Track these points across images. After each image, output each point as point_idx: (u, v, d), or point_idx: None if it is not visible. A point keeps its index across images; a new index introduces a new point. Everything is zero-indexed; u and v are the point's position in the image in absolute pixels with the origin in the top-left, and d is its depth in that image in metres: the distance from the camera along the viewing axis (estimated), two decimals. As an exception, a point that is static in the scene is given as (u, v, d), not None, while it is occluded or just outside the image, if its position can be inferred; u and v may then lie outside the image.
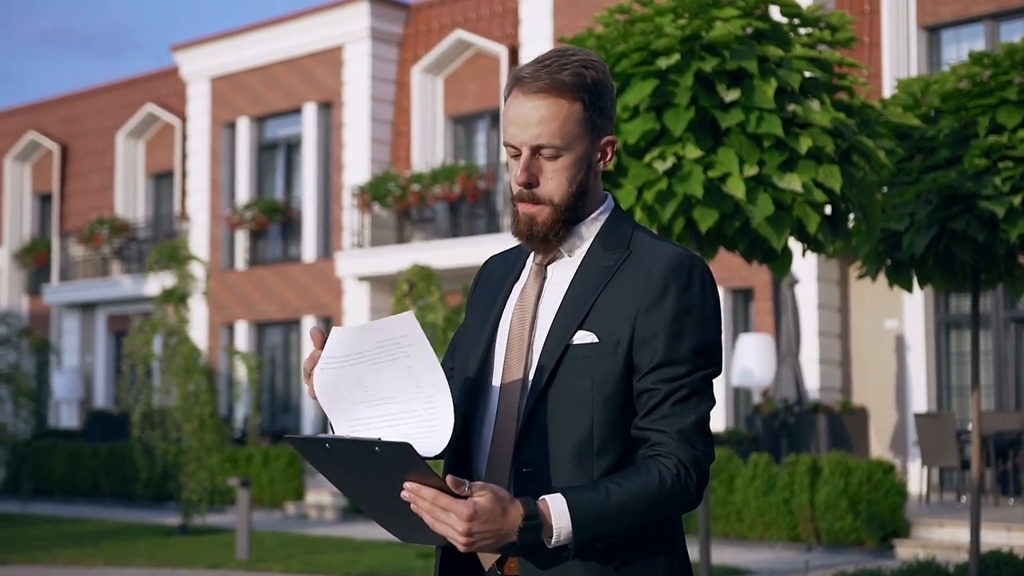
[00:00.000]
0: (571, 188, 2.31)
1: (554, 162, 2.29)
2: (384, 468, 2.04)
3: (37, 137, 27.35)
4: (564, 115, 2.27)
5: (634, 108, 6.28)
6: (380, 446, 2.00)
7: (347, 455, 2.06)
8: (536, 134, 2.27)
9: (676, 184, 6.18)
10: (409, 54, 21.68)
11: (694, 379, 2.24)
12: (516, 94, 2.29)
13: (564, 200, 2.31)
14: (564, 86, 2.26)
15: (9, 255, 27.65)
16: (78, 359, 25.70)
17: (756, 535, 13.45)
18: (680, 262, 2.27)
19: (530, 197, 2.31)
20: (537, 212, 2.31)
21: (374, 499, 2.13)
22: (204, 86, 23.75)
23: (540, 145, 2.27)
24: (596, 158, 2.35)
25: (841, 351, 16.73)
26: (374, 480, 2.08)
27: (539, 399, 2.26)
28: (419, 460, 2.01)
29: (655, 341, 2.23)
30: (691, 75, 6.14)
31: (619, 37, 6.38)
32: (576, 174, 2.31)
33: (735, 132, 6.23)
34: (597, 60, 2.35)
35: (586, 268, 2.33)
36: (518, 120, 2.29)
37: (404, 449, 2.00)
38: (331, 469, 2.13)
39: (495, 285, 2.48)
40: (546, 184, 2.30)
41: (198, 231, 23.46)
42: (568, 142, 2.28)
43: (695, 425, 2.23)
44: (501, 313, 2.41)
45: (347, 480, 2.14)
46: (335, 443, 2.05)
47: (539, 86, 2.26)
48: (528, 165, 2.29)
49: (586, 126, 2.30)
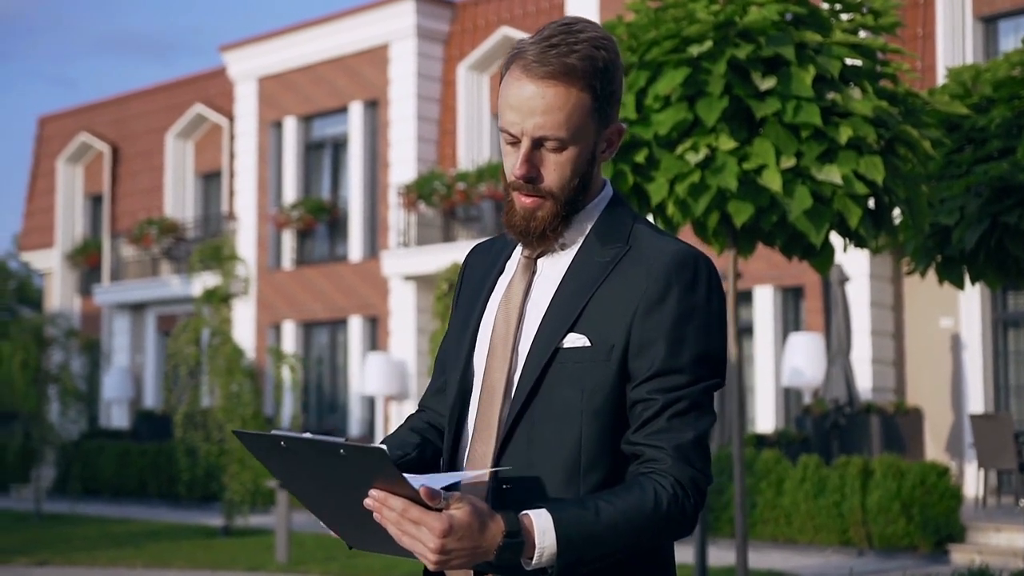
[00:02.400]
0: (573, 181, 2.07)
1: (558, 155, 2.04)
2: (347, 473, 1.85)
3: (88, 139, 27.52)
4: (572, 105, 2.02)
5: (665, 98, 6.04)
6: (346, 449, 1.81)
7: (304, 455, 1.87)
8: (539, 124, 2.02)
9: (709, 177, 5.94)
10: (455, 52, 21.52)
11: (695, 391, 2.01)
12: (518, 75, 2.04)
13: (566, 194, 2.07)
14: (574, 72, 2.01)
15: (62, 256, 27.84)
16: (128, 359, 25.80)
17: (806, 539, 13.13)
18: (684, 260, 2.04)
19: (531, 190, 2.07)
20: (538, 206, 2.07)
21: (327, 501, 1.95)
22: (251, 86, 23.75)
23: (544, 137, 2.03)
24: (601, 148, 2.11)
25: (895, 350, 16.34)
26: (332, 484, 1.90)
27: (522, 408, 2.04)
28: (391, 467, 1.81)
29: (654, 347, 2.00)
30: (725, 63, 5.89)
31: (650, 24, 6.14)
32: (580, 167, 2.07)
33: (771, 122, 5.98)
34: (607, 37, 2.08)
35: (580, 263, 2.09)
36: (520, 106, 2.03)
37: (376, 455, 1.80)
38: (282, 468, 1.95)
39: (477, 282, 2.25)
40: (548, 177, 2.06)
41: (245, 231, 23.46)
42: (574, 134, 2.03)
43: (694, 442, 1.99)
44: (484, 310, 2.18)
45: (299, 481, 1.95)
46: (292, 442, 1.86)
47: (546, 71, 2.01)
48: (529, 156, 2.04)
49: (594, 116, 2.05)
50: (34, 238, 28.85)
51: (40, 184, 28.98)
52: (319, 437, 1.84)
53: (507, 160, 2.09)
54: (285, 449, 1.87)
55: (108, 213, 26.98)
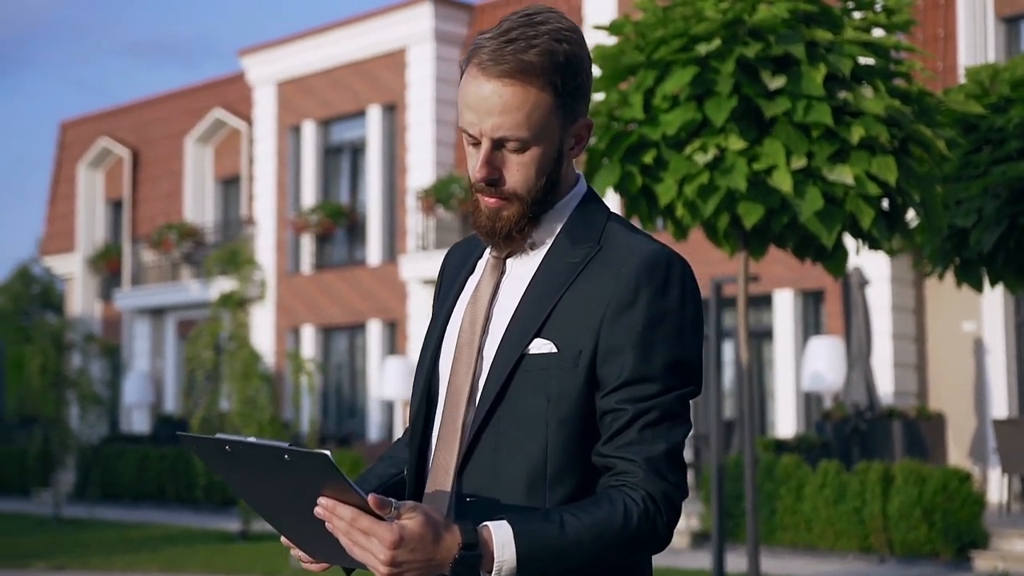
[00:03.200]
0: (539, 181, 1.98)
1: (520, 155, 1.96)
2: (294, 479, 1.77)
3: (109, 143, 27.59)
4: (532, 103, 1.92)
5: (674, 97, 5.94)
6: (290, 454, 1.72)
7: (250, 460, 1.80)
8: (497, 124, 1.93)
9: (718, 177, 5.84)
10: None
11: (667, 400, 1.91)
12: (475, 73, 1.94)
13: (532, 194, 1.98)
14: (532, 70, 1.91)
15: (83, 261, 27.91)
16: (148, 364, 25.83)
17: (826, 545, 12.98)
18: (655, 260, 1.93)
19: (493, 192, 1.98)
20: (502, 207, 1.98)
21: (281, 511, 1.87)
22: (270, 90, 23.75)
23: (503, 138, 1.94)
24: (569, 145, 2.01)
25: (916, 354, 16.16)
26: (282, 490, 1.82)
27: (487, 416, 1.94)
28: (337, 473, 1.72)
29: (622, 354, 1.90)
30: (733, 61, 5.79)
31: (658, 23, 6.04)
32: (545, 166, 1.98)
33: (781, 122, 5.87)
34: (570, 28, 1.98)
35: (549, 265, 2.00)
36: (476, 105, 1.94)
37: (319, 460, 1.71)
38: (232, 474, 1.87)
39: (450, 283, 2.17)
40: (511, 178, 1.97)
41: (264, 235, 23.46)
42: (536, 133, 1.94)
43: (666, 454, 1.89)
44: (452, 312, 2.09)
45: (250, 488, 1.87)
46: (237, 446, 1.78)
47: (501, 70, 1.91)
48: (490, 158, 1.95)
49: (557, 113, 1.96)
50: (56, 243, 28.95)
51: (61, 189, 29.08)
52: (262, 441, 1.76)
53: (470, 161, 2.00)
54: (231, 454, 1.80)
55: (128, 218, 27.03)
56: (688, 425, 1.94)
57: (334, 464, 1.71)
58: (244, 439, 1.77)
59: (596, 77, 6.25)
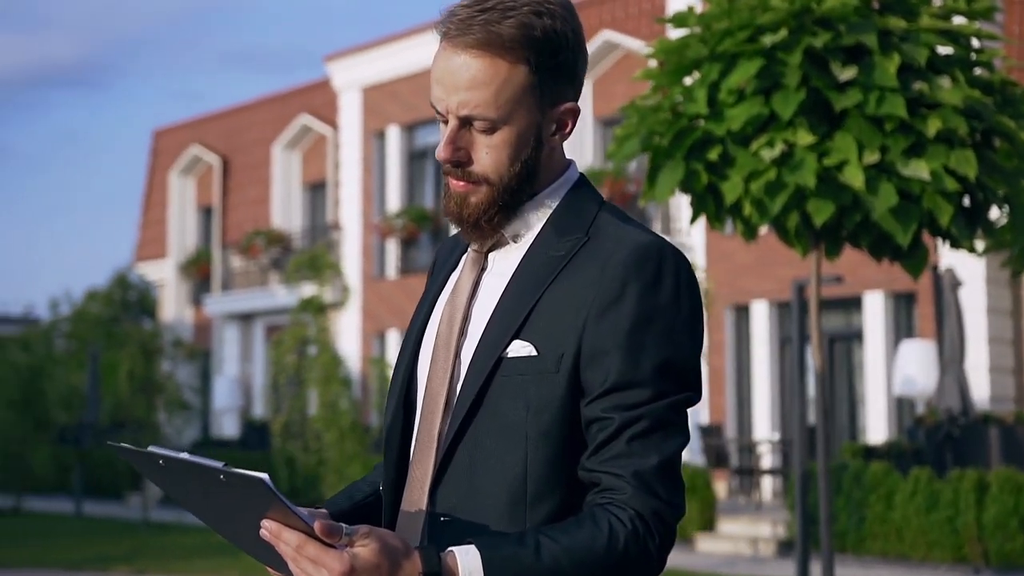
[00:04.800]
0: (513, 168, 1.79)
1: (489, 136, 1.78)
2: (234, 499, 1.64)
3: (200, 151, 27.95)
4: (501, 80, 1.75)
5: (739, 91, 5.70)
6: (225, 475, 1.59)
7: (187, 476, 1.67)
8: (463, 101, 1.76)
9: (786, 174, 5.59)
10: (557, 57, 21.27)
11: (657, 407, 1.70)
12: (444, 44, 1.78)
13: (504, 181, 1.79)
14: (501, 42, 1.73)
15: (175, 267, 28.30)
16: (238, 369, 26.08)
17: (918, 556, 12.57)
18: (646, 253, 1.74)
19: (460, 174, 1.81)
20: (470, 192, 1.81)
21: (229, 525, 1.74)
22: (355, 96, 23.83)
23: (470, 116, 1.76)
24: (550, 130, 1.82)
25: (1014, 358, 15.60)
26: (225, 507, 1.68)
27: (463, 425, 1.76)
28: (275, 498, 1.58)
29: (608, 357, 1.71)
30: (801, 52, 5.54)
31: (722, 14, 5.81)
32: (520, 151, 1.79)
33: (852, 115, 5.60)
34: (557, 2, 1.79)
35: (531, 259, 1.81)
36: (443, 79, 1.77)
37: (256, 484, 1.57)
38: (173, 487, 1.75)
39: (435, 279, 2.00)
40: (479, 161, 1.79)
41: (350, 241, 23.53)
42: (506, 114, 1.76)
43: (658, 468, 1.69)
44: (432, 311, 1.92)
45: (194, 501, 1.74)
46: (172, 462, 1.65)
47: (468, 41, 1.74)
48: (454, 138, 1.78)
49: (533, 93, 1.77)
50: (149, 250, 29.40)
51: (154, 196, 29.54)
52: (197, 459, 1.62)
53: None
54: (167, 469, 1.67)
55: (218, 224, 27.35)
56: (684, 436, 1.74)
57: (271, 488, 1.57)
58: (178, 455, 1.64)
59: (660, 71, 6.04)
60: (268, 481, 1.56)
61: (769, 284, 17.32)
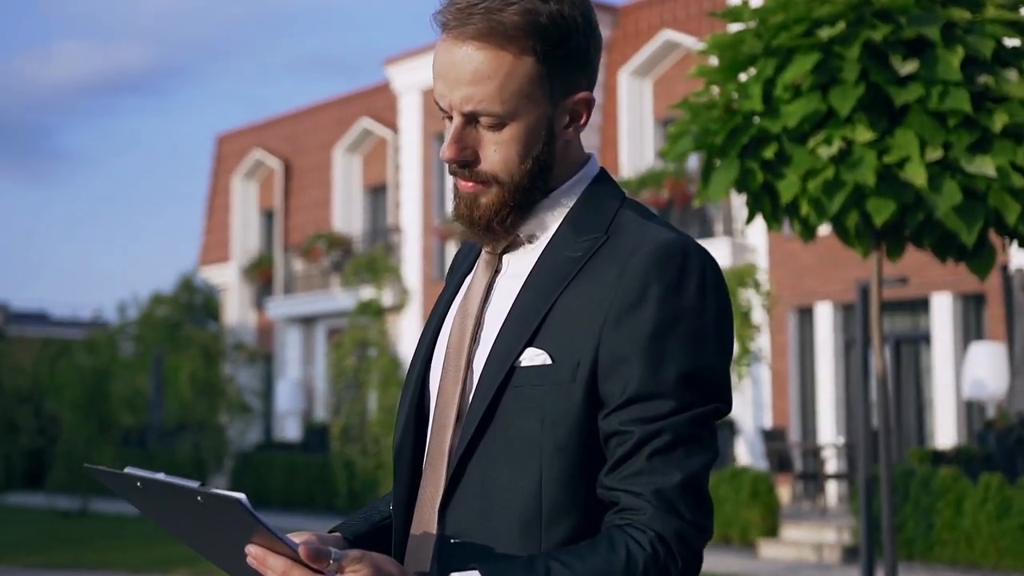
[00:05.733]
0: (524, 165, 1.67)
1: (496, 133, 1.66)
2: (214, 521, 1.56)
3: (262, 155, 28.12)
4: (506, 72, 1.63)
5: (795, 87, 5.53)
6: (203, 496, 1.50)
7: (165, 497, 1.59)
8: (467, 96, 1.64)
9: (845, 172, 5.40)
10: (617, 57, 21.11)
11: (680, 420, 1.57)
12: (444, 37, 1.67)
13: (515, 180, 1.68)
14: (504, 31, 1.62)
15: (238, 271, 28.49)
16: (300, 372, 26.17)
17: (989, 564, 12.26)
18: (668, 252, 1.61)
19: (467, 175, 1.69)
20: (479, 192, 1.69)
21: (211, 547, 1.65)
22: (415, 98, 23.83)
23: (475, 112, 1.65)
24: (563, 123, 1.70)
25: (1088, 360, 15.15)
26: (206, 529, 1.60)
27: (472, 442, 1.64)
28: (251, 520, 1.48)
29: (626, 365, 1.58)
30: (860, 46, 5.36)
31: (778, 7, 5.63)
32: (530, 147, 1.67)
33: (914, 110, 5.41)
34: None
35: (547, 260, 1.69)
36: (445, 75, 1.66)
37: (233, 504, 1.47)
38: (153, 510, 1.67)
39: (450, 284, 1.88)
40: (488, 159, 1.67)
41: (410, 243, 23.52)
42: (514, 108, 1.64)
43: (681, 486, 1.56)
44: (445, 317, 1.80)
45: (176, 524, 1.66)
46: (149, 483, 1.57)
47: (469, 31, 1.62)
48: (459, 136, 1.66)
49: (541, 85, 1.66)
50: (213, 253, 29.63)
51: (218, 201, 29.77)
52: (173, 480, 1.53)
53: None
54: (144, 490, 1.59)
55: (280, 228, 27.49)
56: (711, 451, 1.60)
57: (249, 509, 1.47)
58: (154, 476, 1.55)
59: (714, 68, 5.88)
60: (245, 501, 1.47)
61: (833, 285, 17.02)
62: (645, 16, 21.01)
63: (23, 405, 26.53)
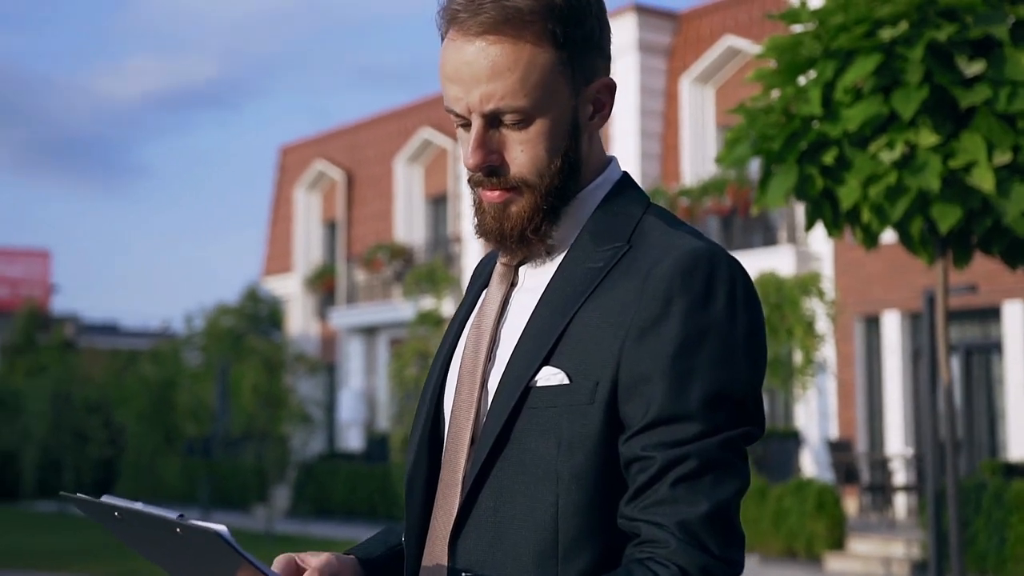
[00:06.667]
0: (554, 164, 1.55)
1: (522, 131, 1.53)
2: (195, 553, 1.47)
3: (324, 166, 28.26)
4: (526, 62, 1.51)
5: (856, 90, 5.35)
6: (181, 527, 1.42)
7: (145, 527, 1.52)
8: (487, 94, 1.51)
9: (908, 177, 5.22)
10: (678, 64, 20.92)
11: (708, 445, 1.44)
12: (452, 35, 1.54)
13: (546, 180, 1.55)
14: (520, 17, 1.50)
15: (301, 281, 28.63)
16: (362, 382, 26.22)
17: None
18: (694, 261, 1.48)
19: (496, 183, 1.56)
20: (508, 200, 1.56)
21: None
22: (476, 108, 23.81)
23: (497, 111, 1.52)
24: (587, 114, 1.58)
25: None
26: (188, 560, 1.51)
27: (484, 468, 1.53)
28: (235, 554, 1.40)
29: (649, 385, 1.45)
30: (923, 47, 5.17)
31: (838, 8, 5.46)
32: (558, 143, 1.54)
33: (981, 112, 5.21)
34: None
35: (565, 272, 1.56)
36: (459, 76, 1.53)
37: (213, 538, 1.39)
38: (132, 539, 1.59)
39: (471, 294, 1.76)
40: (515, 161, 1.54)
41: (471, 253, 23.47)
42: (538, 101, 1.52)
43: (708, 517, 1.42)
44: (461, 334, 1.68)
45: (158, 554, 1.57)
46: (127, 513, 1.49)
47: (483, 21, 1.50)
48: (483, 140, 1.53)
49: (563, 72, 1.53)
50: (276, 264, 29.81)
51: (281, 212, 29.95)
52: (152, 510, 1.44)
53: (463, 149, 1.59)
54: (122, 520, 1.51)
55: (343, 238, 27.59)
56: (741, 479, 1.46)
57: (230, 541, 1.38)
58: (131, 505, 1.46)
59: (772, 71, 5.72)
60: (226, 534, 1.38)
61: (901, 293, 16.69)
62: (707, 22, 20.80)
63: (93, 415, 26.86)
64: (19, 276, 43.10)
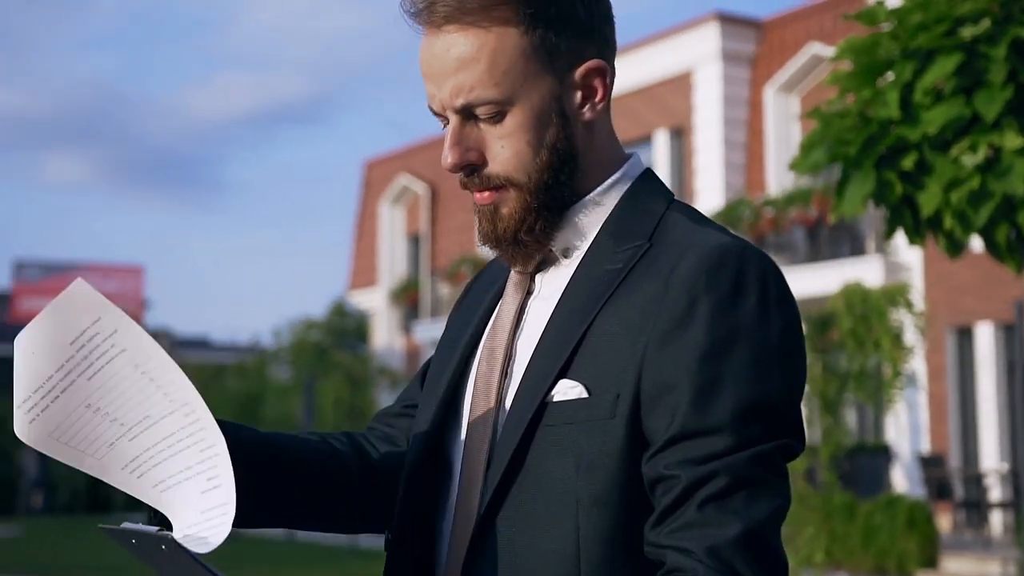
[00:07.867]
0: (539, 158, 1.43)
1: (498, 125, 1.42)
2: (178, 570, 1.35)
3: (408, 180, 28.39)
4: (492, 49, 1.40)
5: (936, 91, 5.14)
6: (136, 537, 1.35)
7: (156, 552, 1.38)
8: (456, 86, 1.41)
9: (992, 181, 5.00)
10: (762, 73, 20.63)
11: (738, 460, 1.30)
12: (423, 31, 1.45)
13: (534, 176, 1.43)
14: (480, 2, 1.39)
15: (386, 295, 28.77)
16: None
17: None
18: (720, 258, 1.35)
19: (479, 182, 1.45)
20: (497, 201, 1.45)
21: None
22: (558, 120, 23.75)
23: (468, 104, 1.41)
24: (575, 100, 1.45)
25: None
26: None
27: (498, 492, 1.40)
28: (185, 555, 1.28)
29: (673, 395, 1.32)
30: (1007, 45, 4.96)
31: (916, 7, 5.26)
32: (542, 134, 1.43)
33: (1069, 112, 4.97)
34: None
35: (583, 276, 1.44)
36: (430, 71, 1.44)
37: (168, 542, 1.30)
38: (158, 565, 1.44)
39: (478, 299, 1.63)
40: (496, 159, 1.43)
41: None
42: (511, 90, 1.41)
43: (741, 540, 1.27)
44: (475, 345, 1.55)
45: None
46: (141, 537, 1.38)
47: (443, 14, 1.40)
48: (459, 138, 1.43)
49: (537, 56, 1.41)
50: (361, 278, 29.99)
51: (366, 226, 30.14)
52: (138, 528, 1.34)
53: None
54: (137, 546, 1.39)
55: (427, 252, 27.67)
56: (780, 497, 1.31)
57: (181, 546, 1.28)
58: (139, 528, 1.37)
59: (847, 74, 5.53)
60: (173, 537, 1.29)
61: (995, 304, 16.23)
62: (791, 30, 20.50)
63: (181, 429, 27.15)
64: (114, 292, 43.98)
